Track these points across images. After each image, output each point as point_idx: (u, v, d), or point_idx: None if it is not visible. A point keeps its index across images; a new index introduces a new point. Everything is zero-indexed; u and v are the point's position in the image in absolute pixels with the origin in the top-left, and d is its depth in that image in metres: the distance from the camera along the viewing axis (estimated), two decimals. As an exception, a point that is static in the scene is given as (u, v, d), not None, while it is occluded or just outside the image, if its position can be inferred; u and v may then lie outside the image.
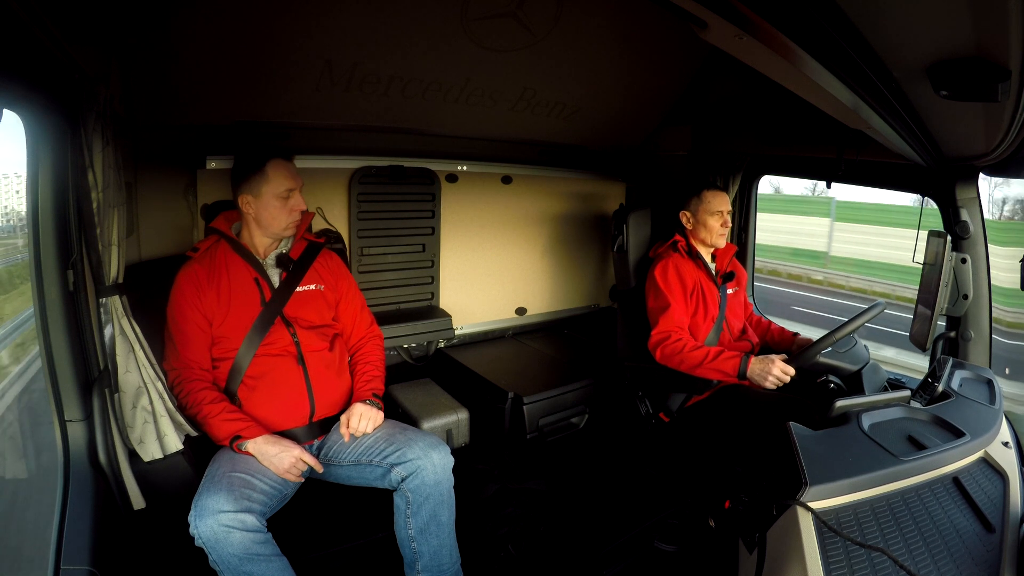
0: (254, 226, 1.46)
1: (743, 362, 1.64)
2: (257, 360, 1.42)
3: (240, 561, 1.13)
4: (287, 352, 1.45)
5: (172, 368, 1.39)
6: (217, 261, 1.45)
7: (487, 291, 2.55)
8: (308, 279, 1.53)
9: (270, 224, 1.44)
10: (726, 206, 1.94)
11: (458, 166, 2.35)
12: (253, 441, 1.32)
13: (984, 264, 1.67)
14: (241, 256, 1.46)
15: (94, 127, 1.12)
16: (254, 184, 1.41)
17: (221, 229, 1.48)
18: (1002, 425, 1.28)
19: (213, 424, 1.33)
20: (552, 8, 1.60)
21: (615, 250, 2.18)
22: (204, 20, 1.35)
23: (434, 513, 1.33)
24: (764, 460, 1.21)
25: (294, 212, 1.45)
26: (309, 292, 1.52)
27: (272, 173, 1.41)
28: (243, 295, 1.44)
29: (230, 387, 1.42)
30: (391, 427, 1.46)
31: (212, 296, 1.42)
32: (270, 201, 1.42)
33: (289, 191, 1.43)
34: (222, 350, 1.43)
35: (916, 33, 0.73)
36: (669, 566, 1.62)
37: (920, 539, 0.94)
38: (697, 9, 0.63)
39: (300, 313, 1.49)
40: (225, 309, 1.42)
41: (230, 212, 1.52)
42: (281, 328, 1.45)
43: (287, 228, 1.46)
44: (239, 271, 1.45)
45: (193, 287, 1.41)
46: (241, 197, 1.43)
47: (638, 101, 2.27)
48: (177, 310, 1.40)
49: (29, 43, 0.94)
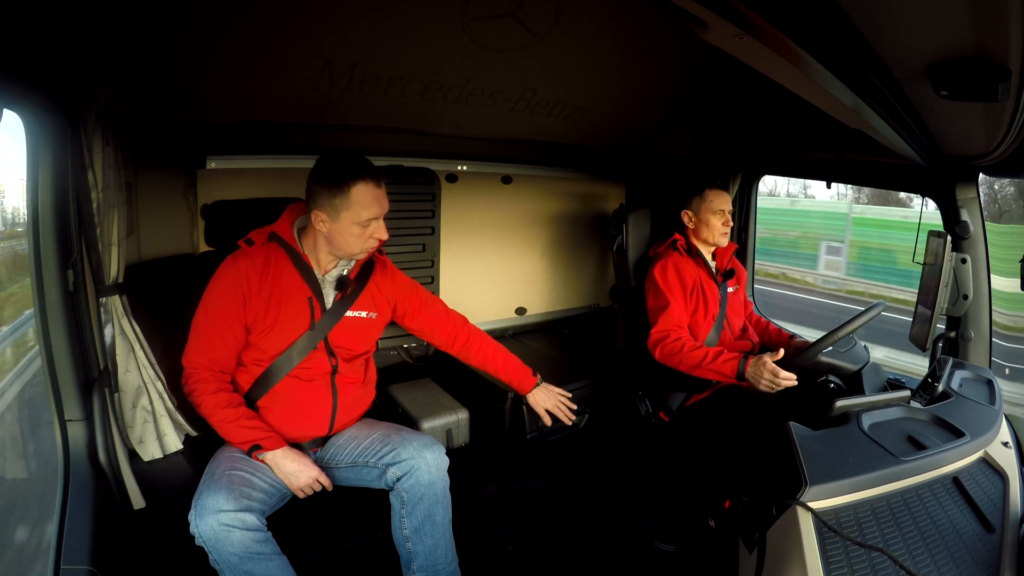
0: (323, 243, 1.33)
1: (741, 364, 1.63)
2: (288, 380, 1.36)
3: (240, 560, 1.13)
4: (321, 378, 1.39)
5: (192, 364, 1.31)
6: (272, 266, 1.32)
7: (487, 291, 2.55)
8: (361, 303, 1.42)
9: (342, 247, 1.31)
10: (728, 205, 1.94)
11: (458, 166, 2.35)
12: (272, 453, 1.28)
13: (984, 264, 1.67)
14: (299, 270, 1.34)
15: (94, 127, 1.12)
16: (333, 204, 1.25)
17: (284, 237, 1.34)
18: (1002, 425, 1.28)
19: (230, 429, 1.28)
20: (552, 8, 1.60)
21: (615, 249, 2.19)
22: (204, 20, 1.35)
23: (429, 513, 1.33)
24: (764, 460, 1.21)
25: (372, 240, 1.31)
26: (359, 320, 1.42)
27: (356, 197, 1.25)
28: (292, 313, 1.33)
29: (251, 394, 1.36)
30: (387, 428, 1.45)
31: (259, 306, 1.31)
32: (348, 227, 1.27)
33: (371, 220, 1.28)
34: (253, 358, 1.35)
35: (916, 33, 0.73)
36: (669, 566, 1.62)
37: (920, 539, 0.94)
38: (697, 9, 0.63)
39: (345, 342, 1.41)
40: (270, 323, 1.32)
41: (298, 204, 1.38)
42: (322, 355, 1.37)
43: (360, 253, 1.34)
44: (293, 285, 1.33)
45: (239, 294, 1.29)
46: (315, 213, 1.28)
47: (638, 101, 2.27)
48: (215, 310, 1.30)
49: (29, 43, 0.94)
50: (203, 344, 1.31)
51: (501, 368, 1.60)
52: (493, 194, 2.50)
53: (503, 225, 2.55)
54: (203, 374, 1.30)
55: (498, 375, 1.62)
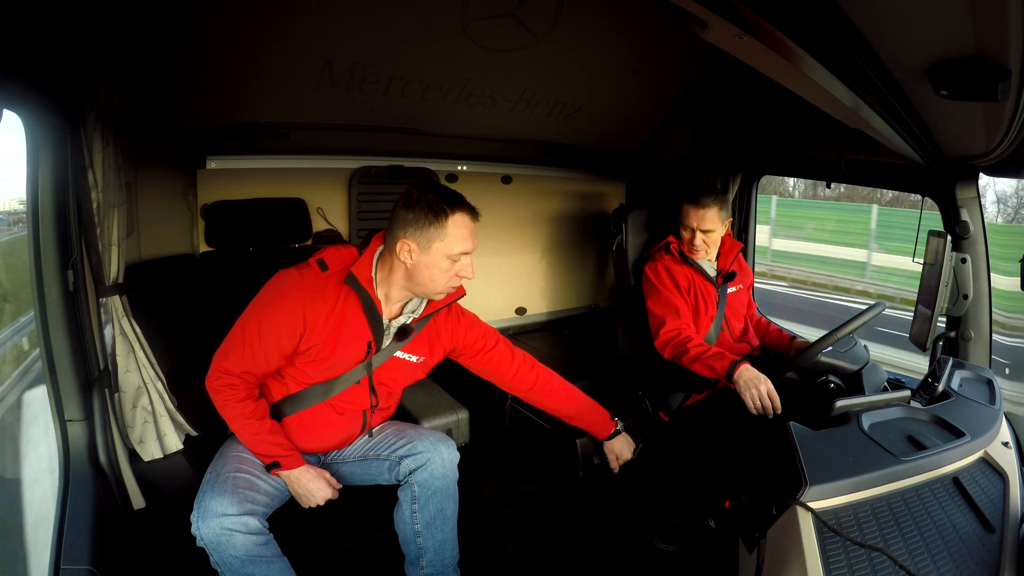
0: (401, 277, 1.24)
1: (733, 364, 1.58)
2: (323, 407, 1.32)
3: (242, 563, 1.13)
4: (355, 412, 1.37)
5: (225, 368, 1.22)
6: (341, 305, 1.23)
7: (487, 291, 2.55)
8: (414, 345, 1.35)
9: (425, 284, 1.22)
10: (700, 223, 1.85)
11: (458, 166, 2.35)
12: (289, 472, 1.26)
13: (984, 264, 1.67)
14: (367, 316, 1.25)
15: (94, 127, 1.13)
16: (427, 234, 1.17)
17: (361, 280, 1.22)
18: (1002, 425, 1.28)
19: (251, 440, 1.26)
20: (552, 8, 1.60)
21: (614, 249, 2.19)
22: (204, 20, 1.35)
23: (441, 507, 1.33)
24: (764, 460, 1.21)
25: (456, 279, 1.24)
26: (406, 363, 1.36)
27: (453, 229, 1.18)
28: (347, 352, 1.27)
29: (280, 407, 1.32)
30: (398, 425, 1.46)
31: (317, 341, 1.23)
32: (438, 260, 1.19)
33: (463, 254, 1.22)
34: (292, 376, 1.29)
35: (916, 33, 0.73)
36: (669, 566, 1.62)
37: (920, 539, 0.94)
38: (697, 9, 0.63)
39: (388, 380, 1.37)
40: (324, 358, 1.26)
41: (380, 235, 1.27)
42: (364, 390, 1.34)
43: (440, 293, 1.26)
44: (356, 326, 1.25)
45: (300, 322, 1.20)
46: (403, 242, 1.18)
47: (638, 101, 2.27)
48: (268, 328, 1.20)
49: (29, 43, 0.94)
50: (244, 356, 1.22)
51: (575, 414, 1.55)
52: (493, 194, 2.50)
53: (503, 225, 2.55)
54: (234, 381, 1.24)
55: (571, 421, 1.57)
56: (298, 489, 1.28)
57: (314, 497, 1.28)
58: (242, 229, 1.85)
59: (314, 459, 1.41)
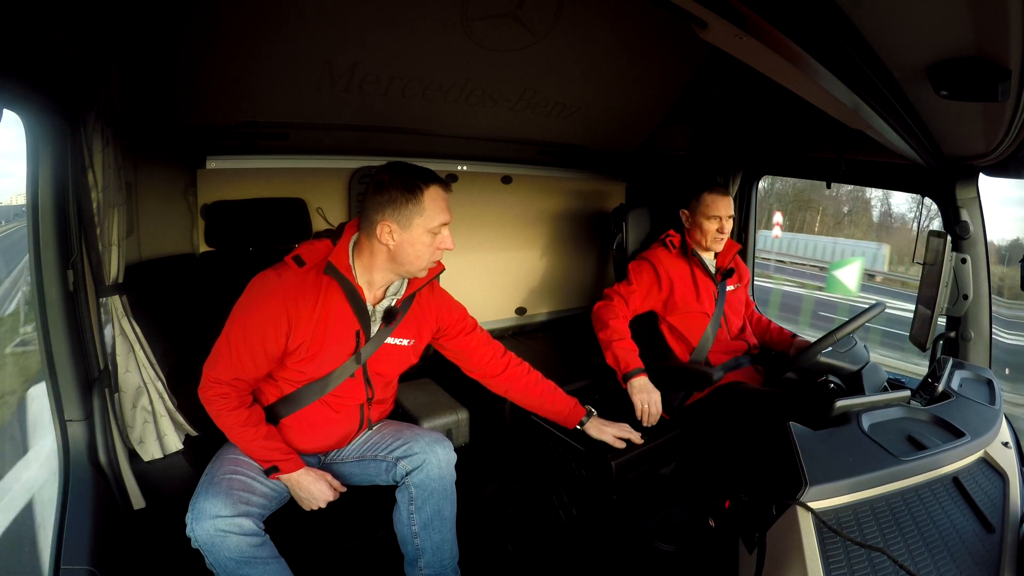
0: (383, 260, 1.26)
1: (637, 370, 1.70)
2: (318, 405, 1.32)
3: (237, 564, 1.13)
4: (352, 408, 1.36)
5: (215, 377, 1.22)
6: (323, 296, 1.24)
7: (487, 291, 2.55)
8: (402, 329, 1.36)
9: (409, 262, 1.25)
10: (726, 211, 1.90)
11: (458, 166, 2.35)
12: (288, 476, 1.27)
13: (984, 264, 1.67)
14: (351, 304, 1.27)
15: (94, 127, 1.13)
16: (405, 212, 1.20)
17: (341, 269, 1.24)
18: (1002, 425, 1.28)
19: (249, 448, 1.25)
20: (552, 8, 1.60)
21: (615, 249, 2.19)
22: (204, 20, 1.35)
23: (438, 508, 1.33)
24: (764, 460, 1.21)
25: (438, 251, 1.27)
26: (399, 347, 1.37)
27: (430, 203, 1.21)
28: (337, 344, 1.27)
29: (275, 409, 1.31)
30: (396, 425, 1.46)
31: (303, 337, 1.23)
32: (420, 236, 1.22)
33: (443, 225, 1.25)
34: (284, 377, 1.30)
35: (916, 33, 0.73)
36: (669, 566, 1.62)
37: (920, 539, 0.94)
38: (697, 9, 0.64)
39: (382, 369, 1.37)
40: (313, 354, 1.26)
41: (352, 224, 1.29)
42: (359, 383, 1.34)
43: (424, 269, 1.28)
44: (342, 316, 1.26)
45: (284, 321, 1.21)
46: (383, 224, 1.20)
47: (638, 101, 2.27)
48: (254, 331, 1.20)
49: (29, 43, 0.94)
50: (233, 363, 1.21)
51: (546, 401, 1.54)
52: (493, 194, 2.49)
53: (503, 225, 2.55)
54: (225, 389, 1.23)
55: (543, 411, 1.57)
56: (300, 492, 1.28)
57: (316, 500, 1.28)
58: (242, 229, 1.85)
59: (314, 460, 1.40)
